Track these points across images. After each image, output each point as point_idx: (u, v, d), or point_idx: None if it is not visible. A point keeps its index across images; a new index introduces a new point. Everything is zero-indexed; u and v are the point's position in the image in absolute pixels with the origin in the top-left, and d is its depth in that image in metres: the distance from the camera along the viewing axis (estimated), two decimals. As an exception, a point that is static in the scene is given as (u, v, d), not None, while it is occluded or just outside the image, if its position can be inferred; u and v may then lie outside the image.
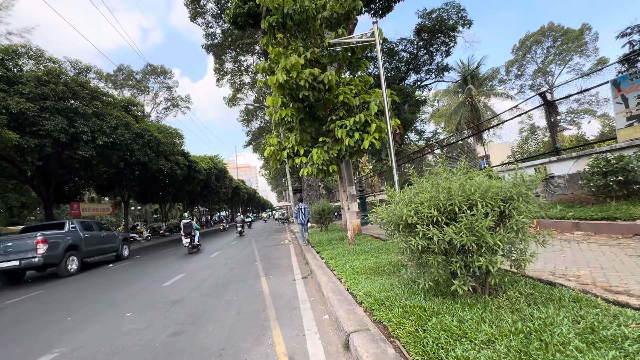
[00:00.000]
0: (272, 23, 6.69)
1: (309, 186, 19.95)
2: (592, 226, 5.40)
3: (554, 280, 3.21)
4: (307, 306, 4.18)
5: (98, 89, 16.21)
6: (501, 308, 2.56)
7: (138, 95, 36.17)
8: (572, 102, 31.12)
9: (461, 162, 3.23)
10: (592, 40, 34.28)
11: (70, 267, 9.78)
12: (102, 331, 4.13)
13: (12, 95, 11.72)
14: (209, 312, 4.42)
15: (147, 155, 17.72)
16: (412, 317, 2.63)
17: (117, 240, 12.83)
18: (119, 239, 13.03)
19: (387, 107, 6.13)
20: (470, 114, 29.30)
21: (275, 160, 7.60)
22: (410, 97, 21.54)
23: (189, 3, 22.02)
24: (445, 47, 21.72)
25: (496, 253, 2.71)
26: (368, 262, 5.26)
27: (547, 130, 13.85)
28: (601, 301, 2.49)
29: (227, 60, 28.60)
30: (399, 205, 3.02)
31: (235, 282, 6.25)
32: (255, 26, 14.45)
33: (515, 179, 2.79)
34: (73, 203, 20.59)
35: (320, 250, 7.53)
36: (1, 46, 13.53)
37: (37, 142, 12.09)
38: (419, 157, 18.64)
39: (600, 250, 4.32)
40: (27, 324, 4.92)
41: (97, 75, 30.28)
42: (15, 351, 3.77)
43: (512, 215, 2.66)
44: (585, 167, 6.45)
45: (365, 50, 7.27)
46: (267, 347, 3.08)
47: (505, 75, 39.29)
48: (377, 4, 16.60)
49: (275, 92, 6.40)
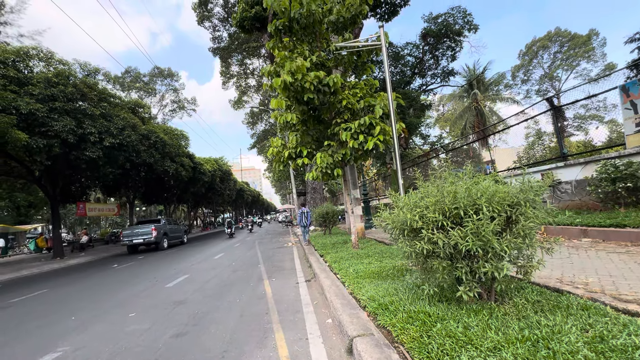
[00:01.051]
0: (279, 27, 6.74)
1: (313, 189, 19.96)
2: (600, 233, 5.32)
3: (562, 287, 3.16)
4: (310, 310, 4.16)
5: (106, 91, 16.42)
6: (507, 315, 2.52)
7: (145, 97, 36.61)
8: (580, 108, 30.76)
9: (467, 167, 3.20)
10: (600, 46, 34.05)
11: (165, 245, 16.61)
12: (105, 331, 4.15)
13: (22, 96, 11.90)
14: (212, 314, 4.41)
15: (153, 156, 17.86)
16: (417, 323, 2.60)
17: (182, 231, 19.79)
18: (183, 230, 20.08)
19: (393, 110, 6.12)
20: (476, 118, 29.14)
21: (278, 162, 7.62)
22: (416, 101, 21.51)
23: (197, 7, 22.29)
24: (451, 51, 21.70)
25: (502, 259, 2.67)
26: (372, 266, 5.22)
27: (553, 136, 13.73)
28: (610, 310, 2.44)
29: (233, 63, 28.89)
30: (403, 210, 3.00)
31: (238, 284, 6.25)
32: (261, 30, 14.58)
33: (522, 184, 2.76)
34: (79, 203, 20.81)
35: (323, 254, 7.50)
36: (13, 48, 13.78)
37: (46, 142, 12.25)
38: (424, 162, 18.56)
39: (608, 257, 4.25)
40: (32, 322, 4.95)
41: (106, 77, 30.78)
42: (20, 350, 3.80)
43: (519, 220, 2.62)
44: (593, 173, 6.37)
45: (371, 54, 7.28)
46: (270, 351, 3.06)
47: (511, 80, 39.12)
48: (383, 8, 16.68)
49: (280, 95, 6.43)
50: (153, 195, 27.67)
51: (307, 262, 7.87)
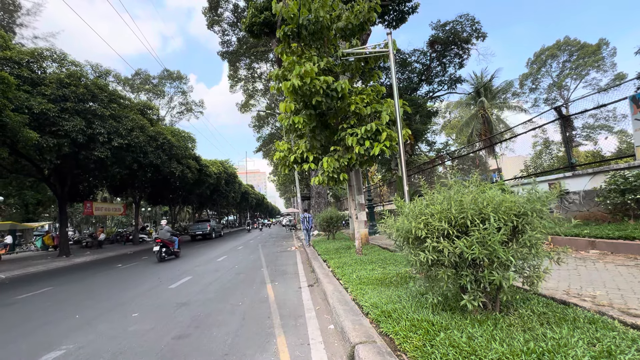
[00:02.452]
0: (287, 32, 6.81)
1: (317, 194, 19.96)
2: (609, 245, 5.23)
3: (568, 299, 3.11)
4: (313, 315, 4.14)
5: (116, 92, 16.68)
6: (512, 326, 2.49)
7: (154, 98, 37.07)
8: (588, 118, 30.46)
9: (473, 175, 3.19)
10: (610, 55, 33.73)
11: (213, 235, 25.76)
12: (108, 330, 4.17)
13: (35, 96, 12.16)
14: (214, 316, 4.42)
15: (160, 157, 18.03)
16: (420, 331, 2.57)
17: (221, 228, 30.31)
18: (220, 227, 30.58)
19: (399, 117, 6.13)
20: (483, 126, 28.96)
21: (284, 166, 7.66)
22: (422, 107, 21.49)
23: (207, 11, 22.62)
24: (458, 59, 21.70)
25: (508, 269, 2.65)
26: (375, 273, 5.19)
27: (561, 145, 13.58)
28: (618, 324, 2.39)
29: (241, 67, 29.20)
30: (408, 217, 2.99)
31: (241, 287, 6.25)
32: (270, 35, 14.74)
33: (529, 194, 2.73)
34: (86, 202, 21.04)
35: (327, 259, 7.48)
36: (27, 49, 14.12)
37: (56, 141, 12.46)
38: (429, 168, 18.47)
39: (617, 270, 4.17)
40: (36, 320, 5.01)
41: (116, 79, 31.29)
42: (25, 346, 3.83)
43: (526, 230, 2.60)
44: (602, 184, 6.28)
45: (379, 61, 7.32)
46: (271, 355, 3.05)
47: (519, 88, 38.87)
48: (391, 15, 16.78)
49: (288, 98, 6.48)
50: (159, 196, 27.91)
51: (310, 266, 7.85)
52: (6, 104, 10.06)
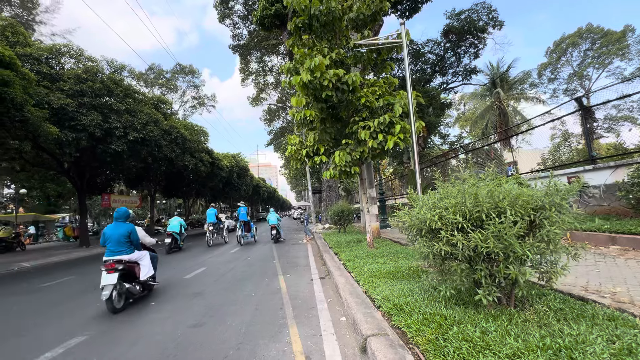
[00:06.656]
0: (299, 24, 6.76)
1: (328, 187, 19.97)
2: (630, 241, 5.06)
3: (587, 296, 3.04)
4: (324, 307, 4.18)
5: (131, 87, 17.00)
6: (528, 322, 2.45)
7: (167, 93, 37.60)
8: (611, 109, 29.21)
9: (489, 168, 3.12)
10: (636, 43, 31.98)
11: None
12: (127, 317, 4.33)
13: (54, 92, 12.53)
14: (228, 306, 4.52)
15: (174, 151, 18.37)
16: (433, 325, 2.57)
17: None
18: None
19: (412, 109, 6.03)
20: (498, 118, 28.21)
21: (296, 160, 7.67)
22: (435, 99, 21.05)
23: (218, 4, 22.63)
24: (473, 49, 21.05)
25: (524, 263, 2.60)
26: (387, 266, 5.19)
27: (581, 137, 13.11)
28: (639, 321, 2.33)
29: (252, 60, 29.21)
30: (422, 209, 2.96)
31: (253, 278, 6.36)
32: (281, 27, 14.67)
33: (548, 187, 2.66)
34: (104, 195, 21.71)
35: (338, 252, 7.51)
36: (46, 46, 14.50)
37: (75, 136, 12.84)
38: (442, 162, 18.18)
39: (638, 267, 4.04)
40: (61, 306, 5.24)
41: (130, 74, 31.86)
42: (50, 331, 4.02)
43: (543, 225, 2.53)
44: (625, 178, 6.05)
45: (391, 52, 7.18)
46: (284, 345, 3.11)
47: (537, 78, 37.46)
48: (404, 5, 16.39)
49: (299, 93, 6.46)
50: (173, 189, 28.49)
51: (321, 259, 7.90)
52: (27, 99, 10.39)
